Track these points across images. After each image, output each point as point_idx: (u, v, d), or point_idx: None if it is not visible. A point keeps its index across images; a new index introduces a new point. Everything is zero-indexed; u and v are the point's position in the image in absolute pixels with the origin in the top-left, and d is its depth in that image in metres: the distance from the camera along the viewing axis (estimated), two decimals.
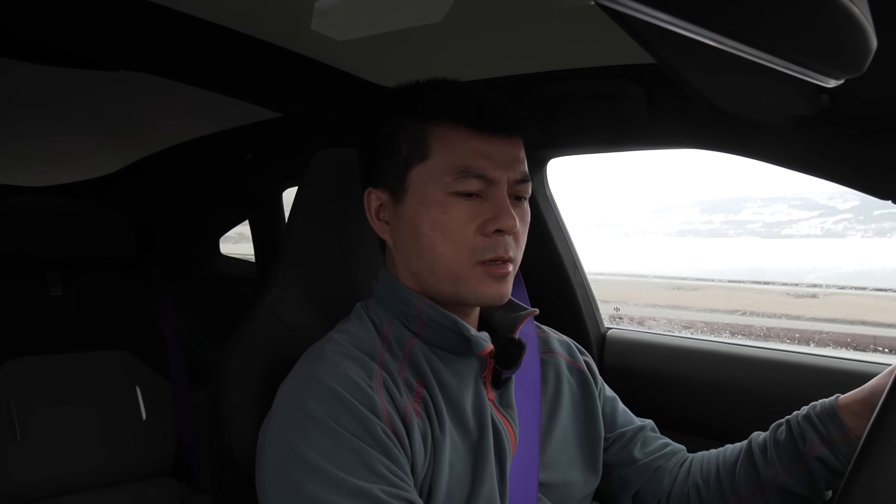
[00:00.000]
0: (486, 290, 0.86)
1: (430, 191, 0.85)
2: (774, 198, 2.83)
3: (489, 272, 0.85)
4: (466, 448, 0.85)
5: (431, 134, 0.86)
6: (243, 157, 2.23)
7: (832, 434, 0.89)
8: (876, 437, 0.60)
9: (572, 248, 1.63)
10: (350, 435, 0.75)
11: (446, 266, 0.85)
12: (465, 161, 0.84)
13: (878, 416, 0.60)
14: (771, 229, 2.81)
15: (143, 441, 1.88)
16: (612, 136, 1.37)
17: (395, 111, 0.91)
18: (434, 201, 0.85)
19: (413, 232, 0.87)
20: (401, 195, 0.88)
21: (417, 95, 0.90)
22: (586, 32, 1.14)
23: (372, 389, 0.79)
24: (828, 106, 0.92)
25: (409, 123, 0.88)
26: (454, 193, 0.84)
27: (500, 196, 0.85)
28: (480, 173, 0.84)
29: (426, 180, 0.86)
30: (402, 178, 0.88)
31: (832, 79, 0.48)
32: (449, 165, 0.85)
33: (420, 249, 0.87)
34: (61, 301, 1.88)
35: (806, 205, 2.65)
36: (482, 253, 0.84)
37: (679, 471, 1.03)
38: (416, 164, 0.87)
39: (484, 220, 0.84)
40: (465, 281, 0.85)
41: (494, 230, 0.84)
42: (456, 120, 0.86)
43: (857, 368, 1.22)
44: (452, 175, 0.84)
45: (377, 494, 0.72)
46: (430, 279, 0.88)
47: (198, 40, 1.28)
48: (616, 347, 1.59)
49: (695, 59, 0.72)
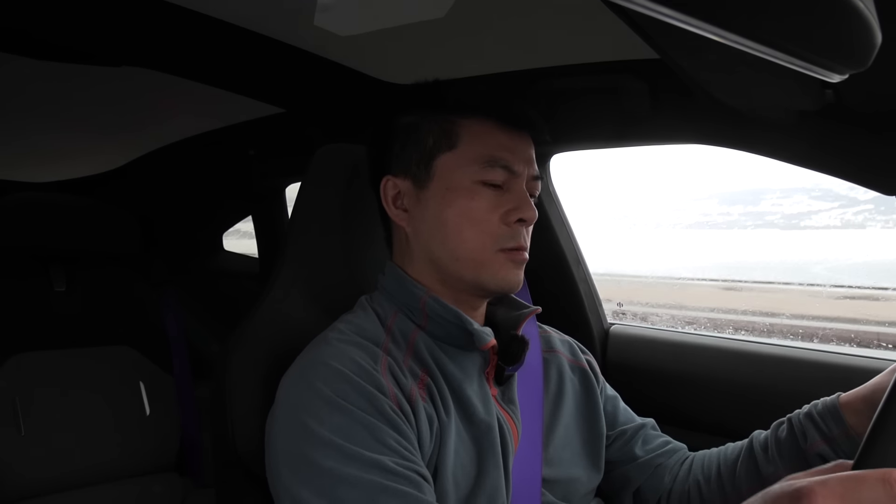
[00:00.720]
0: (507, 276, 0.89)
1: (458, 178, 0.89)
2: (794, 189, 2.82)
3: (511, 258, 0.89)
4: (470, 438, 0.85)
5: (461, 125, 0.90)
6: (246, 152, 2.23)
7: (833, 431, 0.90)
8: (878, 435, 0.60)
9: (575, 244, 1.63)
10: (360, 411, 0.76)
11: (470, 252, 0.88)
12: (493, 151, 0.89)
13: (880, 414, 0.59)
14: (790, 220, 2.81)
15: (146, 436, 1.88)
16: (615, 132, 1.37)
17: (417, 104, 0.94)
18: (462, 188, 0.89)
19: (438, 217, 0.90)
20: (425, 182, 0.91)
21: (444, 90, 0.95)
22: (589, 27, 1.14)
23: (377, 372, 0.80)
24: (832, 101, 0.92)
25: (435, 115, 0.92)
26: (480, 182, 0.88)
27: (521, 188, 0.90)
28: (506, 164, 0.89)
29: (454, 168, 0.90)
30: (428, 166, 0.91)
31: (836, 74, 0.48)
32: (477, 154, 0.89)
33: (445, 235, 0.89)
34: (65, 296, 1.88)
35: (826, 196, 2.65)
36: (505, 241, 0.88)
37: (680, 468, 1.04)
38: (444, 152, 0.90)
39: (507, 210, 0.89)
40: (489, 267, 0.89)
41: (517, 219, 0.88)
42: (486, 114, 0.91)
43: (862, 364, 1.22)
44: (480, 164, 0.88)
45: (390, 465, 0.73)
46: (453, 265, 0.90)
47: (201, 36, 1.28)
48: (619, 343, 1.59)
49: (698, 54, 0.71)
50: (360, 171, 1.02)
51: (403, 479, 0.73)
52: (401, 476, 0.73)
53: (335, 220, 1.04)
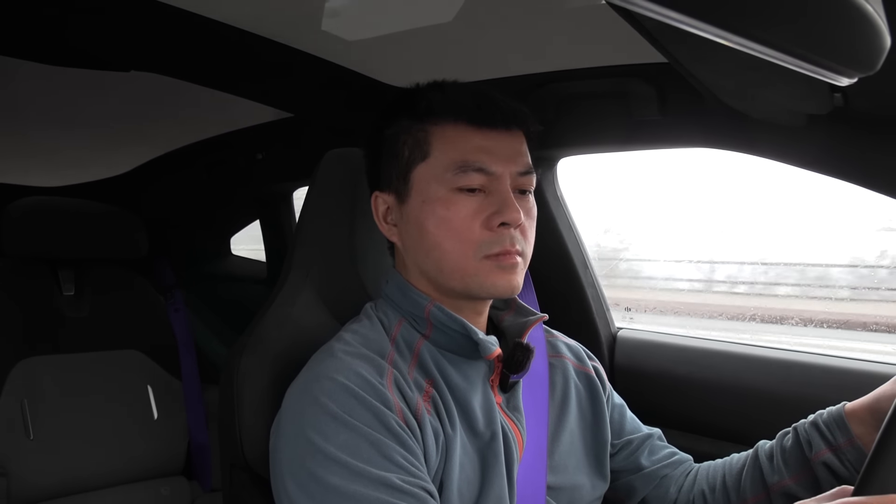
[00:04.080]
0: (497, 282, 0.85)
1: (433, 188, 0.86)
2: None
3: (498, 263, 0.85)
4: (475, 449, 0.85)
5: (431, 133, 0.87)
6: (254, 157, 2.24)
7: (839, 440, 0.89)
8: (886, 444, 0.60)
9: (583, 248, 1.62)
10: (366, 427, 0.75)
11: (454, 262, 0.86)
12: (465, 156, 0.85)
13: (888, 422, 0.59)
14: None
15: (154, 440, 1.89)
16: (622, 136, 1.36)
17: (397, 114, 0.92)
18: (437, 198, 0.86)
19: (419, 231, 0.87)
20: (405, 196, 0.89)
21: (416, 97, 0.91)
22: (596, 31, 1.14)
23: (383, 386, 0.79)
24: (841, 105, 0.91)
25: (409, 124, 0.89)
26: (457, 189, 0.85)
27: (503, 189, 0.85)
28: (481, 167, 0.85)
29: (428, 178, 0.87)
30: (406, 178, 0.89)
31: (845, 77, 0.48)
32: (449, 161, 0.85)
33: (427, 248, 0.87)
34: (73, 301, 1.89)
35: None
36: (489, 247, 0.84)
37: (685, 480, 1.04)
38: (418, 163, 0.88)
39: (488, 215, 0.85)
40: (474, 276, 0.85)
41: (499, 223, 0.84)
42: (454, 117, 0.87)
43: (871, 370, 1.21)
44: (453, 171, 0.85)
45: (397, 483, 0.73)
46: (440, 277, 0.88)
47: (209, 41, 1.29)
48: (627, 347, 1.58)
49: (706, 57, 0.71)
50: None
51: (410, 496, 0.73)
52: (407, 493, 0.73)
53: (342, 224, 1.04)
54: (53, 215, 1.82)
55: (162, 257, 2.34)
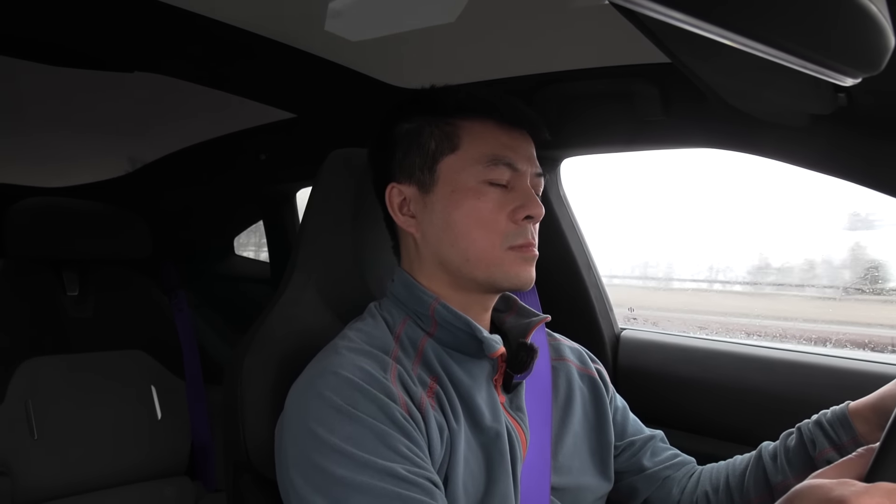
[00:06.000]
0: (520, 272, 0.89)
1: (463, 179, 0.89)
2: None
3: (521, 255, 0.89)
4: (479, 446, 0.85)
5: (461, 127, 0.90)
6: (257, 157, 2.24)
7: (843, 439, 0.90)
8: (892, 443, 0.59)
9: (586, 249, 1.62)
10: (370, 419, 0.76)
11: (480, 251, 0.88)
12: (495, 150, 0.89)
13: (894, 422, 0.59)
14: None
15: (158, 440, 1.89)
16: (626, 137, 1.36)
17: (417, 110, 0.94)
18: (467, 189, 0.89)
19: (445, 220, 0.89)
20: (430, 186, 0.91)
21: (440, 94, 0.94)
22: (599, 31, 1.14)
23: (387, 380, 0.80)
24: (845, 105, 0.91)
25: (435, 119, 0.92)
26: (486, 182, 0.88)
27: (526, 186, 0.90)
28: (509, 161, 0.89)
29: (458, 169, 0.90)
30: (432, 169, 0.91)
31: (849, 77, 0.48)
32: (480, 154, 0.89)
33: (454, 237, 0.89)
34: (77, 301, 1.89)
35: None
36: (513, 238, 0.88)
37: (688, 481, 1.04)
38: (447, 154, 0.90)
39: (513, 208, 0.88)
40: (499, 265, 0.88)
41: (524, 217, 0.88)
42: (484, 114, 0.90)
43: (874, 370, 1.21)
44: (484, 163, 0.88)
45: (403, 473, 0.73)
46: (464, 266, 0.89)
47: (212, 42, 1.29)
48: (630, 348, 1.58)
49: (710, 57, 0.71)
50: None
51: (416, 486, 0.74)
52: (413, 484, 0.74)
53: (346, 225, 1.05)
54: (57, 216, 1.83)
55: (168, 262, 2.34)
